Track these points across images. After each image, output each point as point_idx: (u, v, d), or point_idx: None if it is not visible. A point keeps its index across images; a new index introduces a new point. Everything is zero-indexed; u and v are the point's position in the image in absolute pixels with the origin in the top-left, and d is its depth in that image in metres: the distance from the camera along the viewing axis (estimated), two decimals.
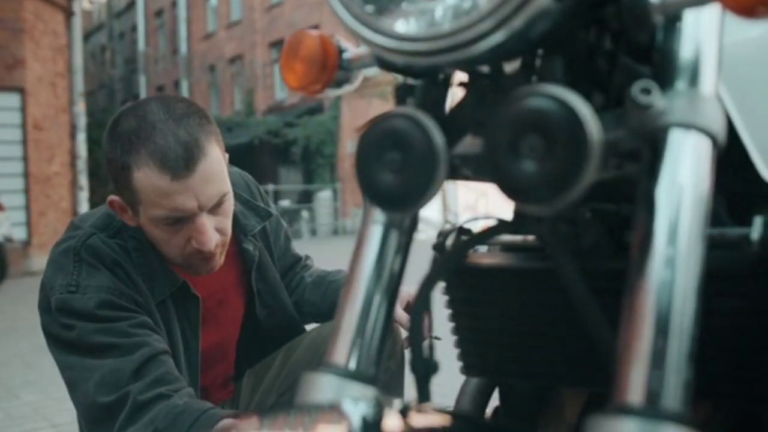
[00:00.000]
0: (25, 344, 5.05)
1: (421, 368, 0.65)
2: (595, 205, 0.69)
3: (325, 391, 0.59)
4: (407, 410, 0.53)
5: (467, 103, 0.60)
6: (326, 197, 20.99)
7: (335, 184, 21.88)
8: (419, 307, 0.66)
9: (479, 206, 16.52)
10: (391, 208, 0.55)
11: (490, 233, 0.67)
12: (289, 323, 1.63)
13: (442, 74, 0.62)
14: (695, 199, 0.50)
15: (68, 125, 12.33)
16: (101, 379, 1.23)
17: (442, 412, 0.54)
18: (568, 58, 0.56)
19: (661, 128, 0.51)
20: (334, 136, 22.22)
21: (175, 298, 1.39)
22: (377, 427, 0.52)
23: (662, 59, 0.54)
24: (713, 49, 0.54)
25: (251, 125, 24.16)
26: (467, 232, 0.82)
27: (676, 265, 0.48)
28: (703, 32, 0.54)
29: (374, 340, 0.62)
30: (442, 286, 0.88)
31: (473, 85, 0.60)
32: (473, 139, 0.59)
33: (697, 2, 0.51)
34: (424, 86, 0.62)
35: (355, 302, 0.62)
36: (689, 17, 0.54)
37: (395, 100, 0.63)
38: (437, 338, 1.15)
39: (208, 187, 1.26)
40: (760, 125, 0.72)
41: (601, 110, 0.51)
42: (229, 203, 1.35)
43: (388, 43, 0.55)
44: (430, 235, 1.02)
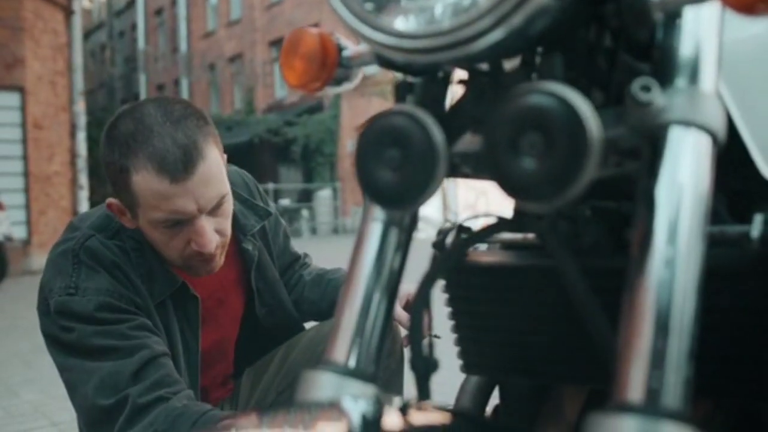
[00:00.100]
0: (25, 343, 5.05)
1: (420, 366, 0.64)
2: (595, 202, 0.69)
3: (324, 388, 0.59)
4: (407, 408, 0.53)
5: (467, 100, 0.60)
6: (326, 196, 20.99)
7: (335, 182, 21.88)
8: (419, 305, 0.66)
9: (479, 205, 16.51)
10: (390, 205, 0.55)
11: (489, 231, 0.66)
12: (288, 322, 1.63)
13: (441, 72, 0.62)
14: (695, 196, 0.50)
15: (68, 124, 12.33)
16: (100, 381, 1.23)
17: (442, 409, 0.54)
18: (567, 55, 0.55)
19: (661, 126, 0.51)
20: (334, 134, 22.21)
21: (174, 298, 1.38)
22: (377, 424, 0.51)
23: (662, 56, 0.54)
24: (713, 46, 0.54)
25: (251, 124, 24.17)
26: (467, 230, 0.82)
27: (676, 263, 0.48)
28: (703, 29, 0.54)
29: (374, 338, 0.62)
30: (441, 284, 0.88)
31: (473, 82, 0.59)
32: (473, 136, 0.59)
33: None
34: (423, 84, 0.62)
35: (354, 300, 0.62)
36: (689, 14, 0.54)
37: (395, 97, 0.63)
38: (437, 336, 1.15)
39: (207, 189, 1.26)
40: (760, 123, 0.72)
41: (600, 108, 0.51)
42: (228, 204, 1.34)
43: (387, 40, 0.55)
44: (429, 233, 1.02)
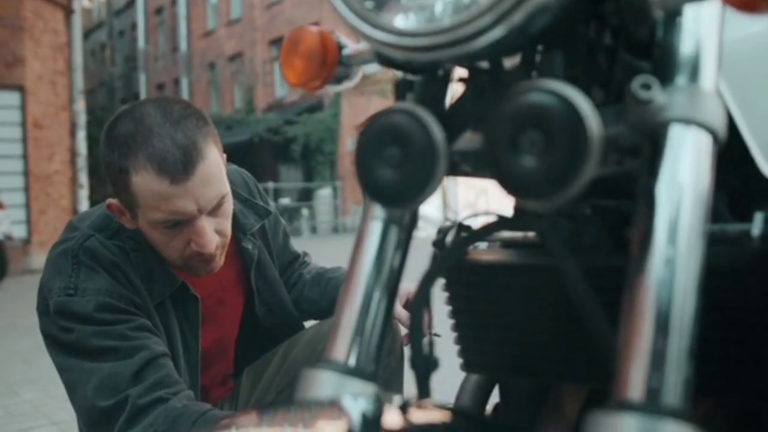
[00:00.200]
0: (25, 342, 5.05)
1: (421, 365, 0.64)
2: (595, 201, 0.69)
3: (324, 387, 0.58)
4: (407, 406, 0.53)
5: (467, 98, 0.60)
6: (326, 195, 20.99)
7: (335, 181, 21.88)
8: (419, 303, 0.66)
9: (479, 203, 16.51)
10: (390, 204, 0.55)
11: (489, 230, 0.66)
12: (288, 320, 1.63)
13: (441, 70, 0.62)
14: (695, 195, 0.50)
15: (68, 123, 12.33)
16: (100, 382, 1.23)
17: (442, 408, 0.54)
18: (567, 53, 0.55)
19: (661, 124, 0.51)
20: (334, 133, 22.21)
21: (174, 298, 1.38)
22: (377, 423, 0.51)
23: (662, 55, 0.54)
24: (713, 44, 0.54)
25: (251, 123, 24.16)
26: (467, 228, 0.82)
27: (676, 261, 0.48)
28: (703, 27, 0.54)
29: (374, 336, 0.62)
30: (441, 282, 0.88)
31: (473, 80, 0.59)
32: (473, 134, 0.59)
33: None
34: (423, 82, 0.62)
35: (354, 298, 0.62)
36: (689, 13, 0.54)
37: (395, 95, 0.63)
38: (437, 335, 1.15)
39: (207, 189, 1.26)
40: (760, 121, 0.71)
41: (600, 106, 0.51)
42: (228, 204, 1.34)
43: (387, 38, 0.55)
44: (429, 232, 1.02)
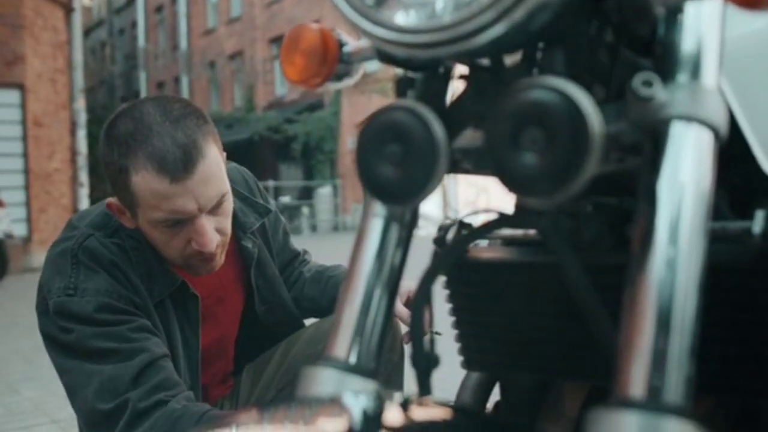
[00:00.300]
0: (25, 340, 5.05)
1: (422, 362, 0.64)
2: (596, 198, 0.69)
3: (325, 384, 0.58)
4: (408, 404, 0.53)
5: (468, 96, 0.59)
6: (326, 193, 20.99)
7: (335, 180, 21.87)
8: (420, 301, 0.66)
9: (480, 202, 16.52)
10: (391, 201, 0.55)
11: (490, 227, 0.66)
12: (288, 319, 1.63)
13: (442, 67, 0.62)
14: (697, 192, 0.50)
15: (68, 122, 12.33)
16: (100, 385, 1.23)
17: (443, 405, 0.54)
18: (569, 50, 0.55)
19: (662, 121, 0.50)
20: (334, 132, 22.21)
21: (173, 297, 1.38)
22: (378, 420, 0.51)
23: (664, 52, 0.54)
24: (715, 41, 0.53)
25: (251, 121, 24.16)
26: (468, 226, 0.82)
27: (677, 258, 0.48)
28: (704, 24, 0.53)
29: (374, 334, 0.62)
30: (442, 280, 0.88)
31: (474, 77, 0.59)
32: (474, 132, 0.59)
33: None
34: (424, 79, 0.62)
35: (355, 296, 0.62)
36: (691, 9, 0.54)
37: (395, 93, 0.63)
38: (438, 333, 1.15)
39: (207, 188, 1.25)
40: (761, 119, 0.71)
41: (602, 103, 0.51)
42: (228, 203, 1.34)
43: (388, 35, 0.55)
44: (430, 230, 1.02)
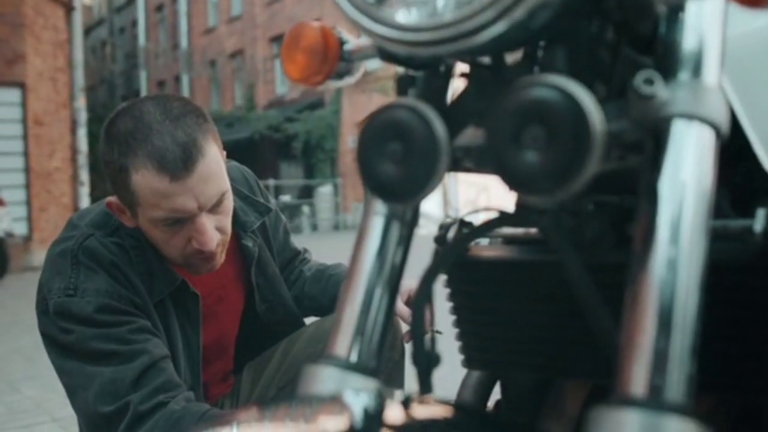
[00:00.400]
0: (26, 339, 5.05)
1: (422, 360, 0.64)
2: (597, 197, 0.69)
3: (326, 382, 0.58)
4: (409, 402, 0.53)
5: (469, 94, 0.59)
6: (327, 192, 20.99)
7: (336, 179, 21.87)
8: (421, 299, 0.66)
9: (480, 201, 16.51)
10: (392, 199, 0.55)
11: (491, 226, 0.66)
12: (288, 317, 1.63)
13: (443, 65, 0.62)
14: (698, 190, 0.50)
15: (69, 120, 12.33)
16: (101, 388, 1.23)
17: (444, 403, 0.54)
18: (569, 49, 0.55)
19: (664, 119, 0.50)
20: (334, 130, 22.21)
21: (173, 296, 1.38)
22: (379, 418, 0.51)
23: (665, 50, 0.53)
24: (716, 39, 0.53)
25: (252, 120, 24.15)
26: (468, 224, 0.82)
27: (678, 257, 0.48)
28: (706, 23, 0.53)
29: (375, 332, 0.62)
30: (443, 278, 0.88)
31: (475, 76, 0.59)
32: (475, 130, 0.58)
33: None
34: (425, 77, 0.62)
35: (356, 294, 0.62)
36: (692, 7, 0.53)
37: (396, 91, 0.63)
38: (438, 332, 1.15)
39: (207, 186, 1.25)
40: (763, 117, 0.71)
41: (603, 101, 0.51)
42: (228, 201, 1.34)
43: (389, 33, 0.55)
44: (430, 229, 1.02)
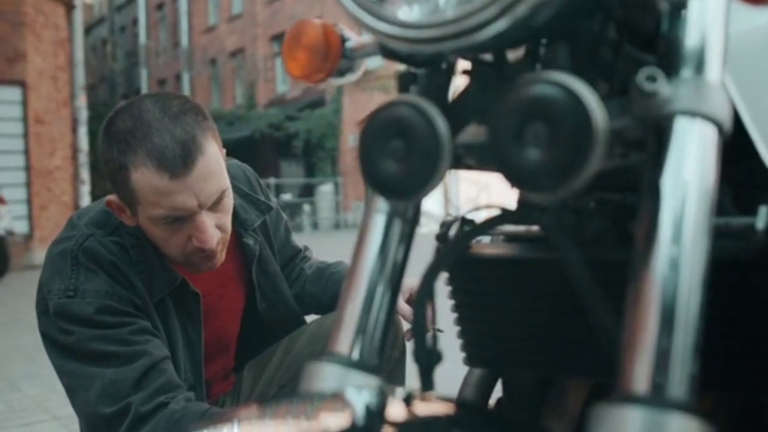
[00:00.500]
0: (27, 337, 5.05)
1: (424, 358, 0.64)
2: (599, 194, 0.69)
3: (328, 380, 0.58)
4: (411, 399, 0.53)
5: (471, 91, 0.59)
6: (328, 191, 21.00)
7: (337, 177, 21.87)
8: (422, 297, 0.66)
9: (481, 199, 16.51)
10: (394, 196, 0.55)
11: (493, 223, 0.66)
12: (289, 315, 1.63)
13: (445, 62, 0.62)
14: (701, 187, 0.49)
15: (69, 119, 12.34)
16: (102, 389, 1.23)
17: (446, 400, 0.54)
18: (572, 46, 0.55)
19: (666, 116, 0.50)
20: (335, 129, 22.20)
21: (174, 295, 1.38)
22: (381, 415, 0.51)
23: (667, 47, 0.53)
24: (719, 36, 0.53)
25: (252, 119, 24.16)
26: (470, 222, 0.82)
27: (681, 255, 0.48)
28: (708, 20, 0.53)
29: (377, 330, 0.62)
30: (445, 276, 0.87)
31: (476, 73, 0.59)
32: (477, 128, 0.58)
33: None
34: (427, 74, 0.61)
35: (357, 292, 0.62)
36: (695, 5, 0.53)
37: (398, 88, 0.63)
38: (440, 330, 1.15)
39: (207, 184, 1.25)
40: (765, 115, 0.71)
41: (605, 99, 0.50)
42: (228, 199, 1.34)
43: (391, 30, 0.55)
44: (431, 228, 1.02)
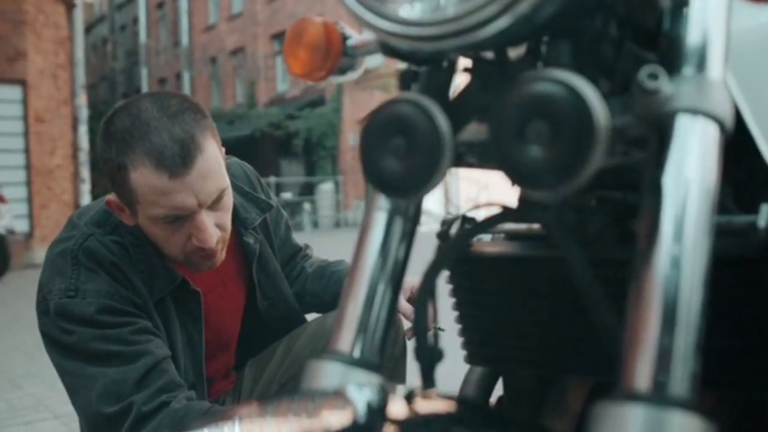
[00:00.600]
0: (27, 336, 5.05)
1: (425, 356, 0.64)
2: (600, 192, 0.69)
3: (329, 377, 0.58)
4: (412, 396, 0.53)
5: (472, 89, 0.59)
6: (328, 189, 20.99)
7: (337, 176, 21.87)
8: (423, 295, 0.66)
9: (481, 199, 16.52)
10: (395, 194, 0.55)
11: (494, 221, 0.66)
12: (290, 314, 1.63)
13: (446, 60, 0.61)
14: (702, 185, 0.49)
15: (70, 117, 12.34)
16: (104, 389, 1.23)
17: (447, 398, 0.54)
18: (573, 44, 0.55)
19: (668, 114, 0.50)
20: (335, 128, 22.20)
21: (174, 294, 1.38)
22: (382, 412, 0.51)
23: (669, 45, 0.53)
24: (721, 34, 0.53)
25: (253, 117, 24.16)
26: (471, 220, 0.82)
27: (682, 253, 0.48)
28: (710, 17, 0.53)
29: (378, 328, 0.62)
30: (445, 274, 0.87)
31: (478, 70, 0.59)
32: (478, 126, 0.58)
33: None
34: (428, 72, 0.61)
35: (359, 290, 0.62)
36: (696, 2, 0.53)
37: (399, 86, 0.63)
38: (441, 329, 1.15)
39: (206, 183, 1.25)
40: (766, 113, 0.71)
41: (606, 96, 0.50)
42: (228, 198, 1.33)
43: (392, 27, 0.54)
44: (431, 227, 1.02)
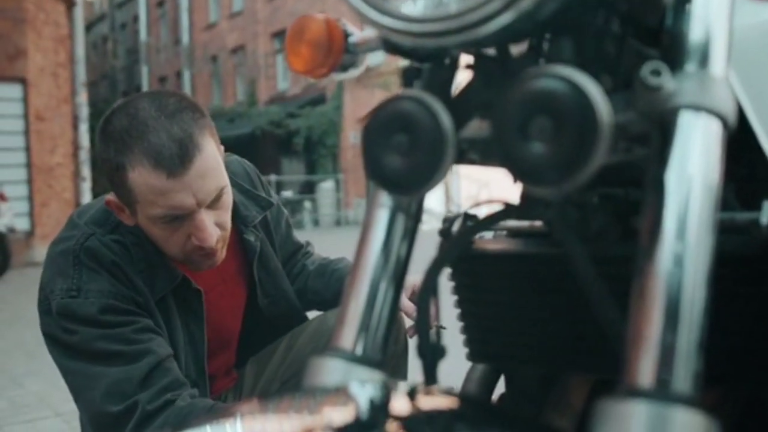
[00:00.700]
0: (29, 334, 5.05)
1: (428, 353, 0.64)
2: (603, 189, 0.69)
3: (331, 374, 0.58)
4: (414, 393, 0.53)
5: (474, 85, 0.59)
6: (329, 188, 20.98)
7: (338, 174, 21.86)
8: (426, 293, 0.66)
9: (482, 197, 16.51)
10: (398, 191, 0.55)
11: (496, 218, 0.66)
12: (291, 312, 1.63)
13: (448, 57, 0.61)
14: (705, 182, 0.49)
15: (70, 116, 12.33)
16: (108, 388, 1.23)
17: (449, 395, 0.54)
18: (576, 40, 0.55)
19: (670, 110, 0.50)
20: (336, 126, 22.20)
21: (175, 293, 1.38)
22: (384, 409, 0.51)
23: (672, 41, 0.53)
24: (723, 30, 0.53)
25: (253, 116, 24.14)
26: (473, 217, 0.82)
27: (685, 250, 0.48)
28: (713, 13, 0.53)
29: (380, 325, 0.62)
30: (448, 272, 0.87)
31: (480, 67, 0.59)
32: (480, 122, 0.58)
33: None
34: (430, 69, 0.61)
35: (361, 287, 0.62)
36: None
37: (402, 83, 0.63)
38: (442, 327, 1.15)
39: (205, 182, 1.25)
40: None
41: (609, 93, 0.50)
42: (227, 197, 1.33)
43: (394, 24, 0.54)
44: (432, 225, 1.02)
